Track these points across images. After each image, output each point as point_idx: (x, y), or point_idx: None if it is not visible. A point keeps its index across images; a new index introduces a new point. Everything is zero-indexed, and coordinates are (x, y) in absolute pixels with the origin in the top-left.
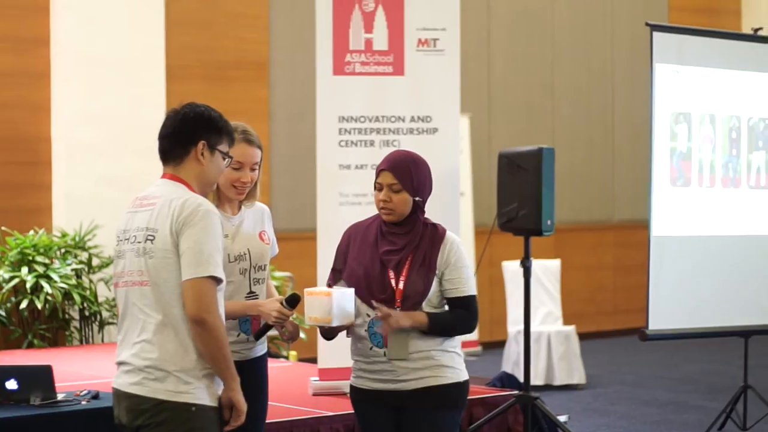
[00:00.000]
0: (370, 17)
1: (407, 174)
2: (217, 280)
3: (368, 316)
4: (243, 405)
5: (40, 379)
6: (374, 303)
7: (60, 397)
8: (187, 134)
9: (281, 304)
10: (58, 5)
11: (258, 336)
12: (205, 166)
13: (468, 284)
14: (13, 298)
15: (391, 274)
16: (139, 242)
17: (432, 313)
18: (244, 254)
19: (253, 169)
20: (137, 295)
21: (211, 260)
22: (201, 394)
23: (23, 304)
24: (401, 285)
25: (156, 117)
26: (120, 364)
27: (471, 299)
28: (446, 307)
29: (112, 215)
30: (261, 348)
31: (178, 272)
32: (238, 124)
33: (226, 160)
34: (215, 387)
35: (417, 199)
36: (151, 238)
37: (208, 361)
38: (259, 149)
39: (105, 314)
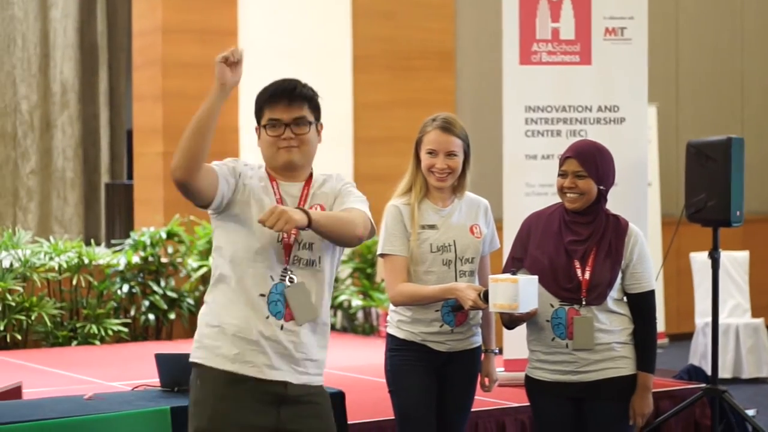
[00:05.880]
0: (556, 6)
1: (592, 161)
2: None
3: (551, 306)
4: None
5: None
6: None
7: None
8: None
9: (479, 295)
10: None
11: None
12: (261, 147)
13: (651, 279)
14: (201, 287)
15: (577, 264)
16: None
17: (640, 372)
18: (449, 245)
19: (449, 156)
20: None
21: None
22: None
23: None
24: (587, 275)
25: (343, 107)
26: None
27: (650, 295)
28: (625, 299)
29: None
30: (474, 340)
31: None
32: (440, 114)
33: (270, 128)
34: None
35: (601, 187)
36: None
37: None
38: (458, 138)
39: None
